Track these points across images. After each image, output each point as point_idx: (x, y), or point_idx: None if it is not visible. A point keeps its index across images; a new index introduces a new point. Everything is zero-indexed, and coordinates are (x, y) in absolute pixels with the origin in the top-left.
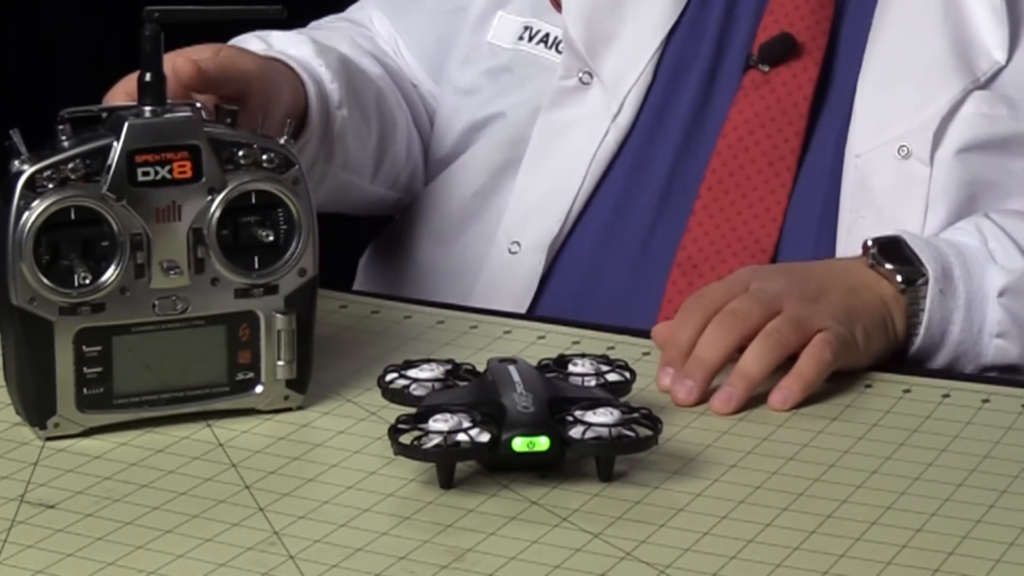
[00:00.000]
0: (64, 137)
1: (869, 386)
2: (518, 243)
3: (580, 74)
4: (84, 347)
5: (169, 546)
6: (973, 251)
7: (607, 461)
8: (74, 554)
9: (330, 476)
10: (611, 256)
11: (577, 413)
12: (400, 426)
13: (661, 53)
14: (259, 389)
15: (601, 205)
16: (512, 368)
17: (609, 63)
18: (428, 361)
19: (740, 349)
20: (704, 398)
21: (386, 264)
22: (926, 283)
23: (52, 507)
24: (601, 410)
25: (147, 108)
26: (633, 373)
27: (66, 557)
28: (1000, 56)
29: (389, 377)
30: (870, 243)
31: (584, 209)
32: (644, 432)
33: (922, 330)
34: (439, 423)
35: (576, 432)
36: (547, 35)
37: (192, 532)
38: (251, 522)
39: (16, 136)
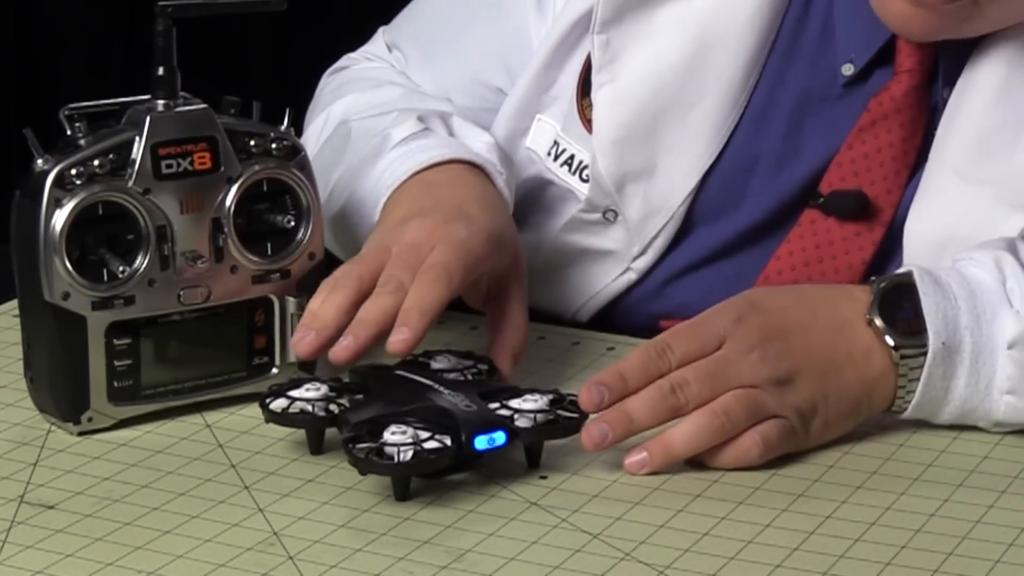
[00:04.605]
0: (80, 134)
1: None
2: None
3: (605, 212)
4: (115, 340)
5: (168, 546)
6: (987, 291)
7: (539, 446)
8: (74, 554)
9: (329, 476)
10: None
11: (514, 403)
12: (357, 445)
13: (698, 191)
14: (274, 372)
15: (620, 327)
16: (404, 373)
17: (636, 202)
18: (312, 380)
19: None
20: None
21: None
22: (924, 354)
23: (52, 507)
24: (528, 397)
25: (160, 102)
26: (493, 367)
27: (65, 558)
28: None
29: (268, 400)
30: (876, 281)
31: (601, 320)
32: (573, 414)
33: (916, 397)
34: (397, 435)
35: (524, 422)
36: (572, 157)
37: (191, 532)
38: (250, 523)
39: (31, 135)
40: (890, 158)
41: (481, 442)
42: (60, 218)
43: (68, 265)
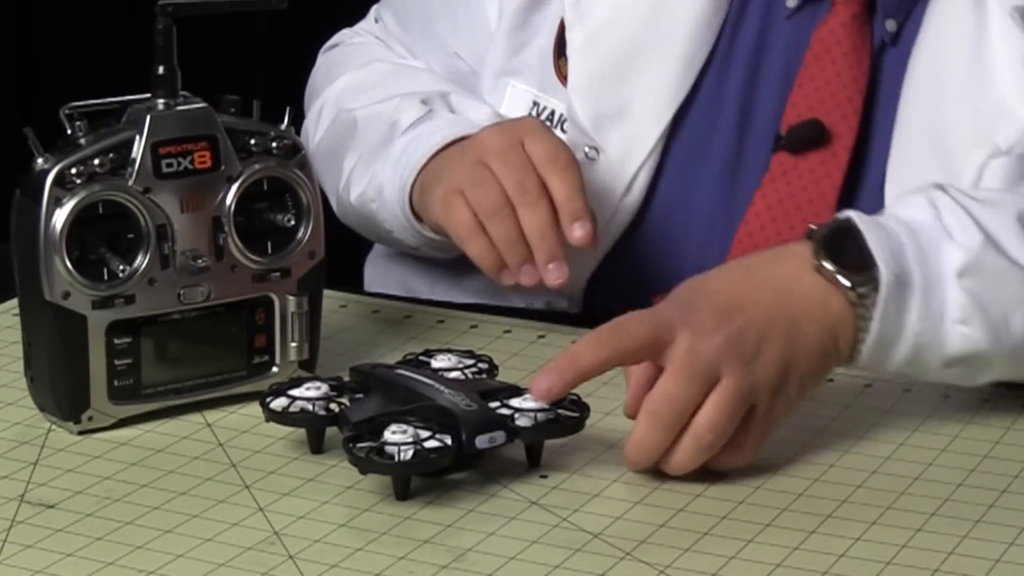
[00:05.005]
0: (80, 133)
1: (869, 386)
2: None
3: (586, 149)
4: (115, 339)
5: (169, 546)
6: (926, 227)
7: (540, 446)
8: (74, 554)
9: (330, 476)
10: None
11: (514, 403)
12: (357, 444)
13: (672, 128)
14: (274, 371)
15: (617, 290)
16: (404, 372)
17: (615, 139)
18: (312, 379)
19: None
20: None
21: (397, 261)
22: (877, 288)
23: (52, 507)
24: (528, 396)
25: (160, 100)
26: (493, 365)
27: (66, 557)
28: None
29: (268, 399)
30: (816, 230)
31: (597, 287)
32: (574, 413)
33: (872, 335)
34: (398, 434)
35: (524, 421)
36: (553, 112)
37: (192, 532)
38: (251, 522)
39: (31, 135)
40: (840, 87)
41: (481, 441)
42: (60, 217)
43: (68, 264)
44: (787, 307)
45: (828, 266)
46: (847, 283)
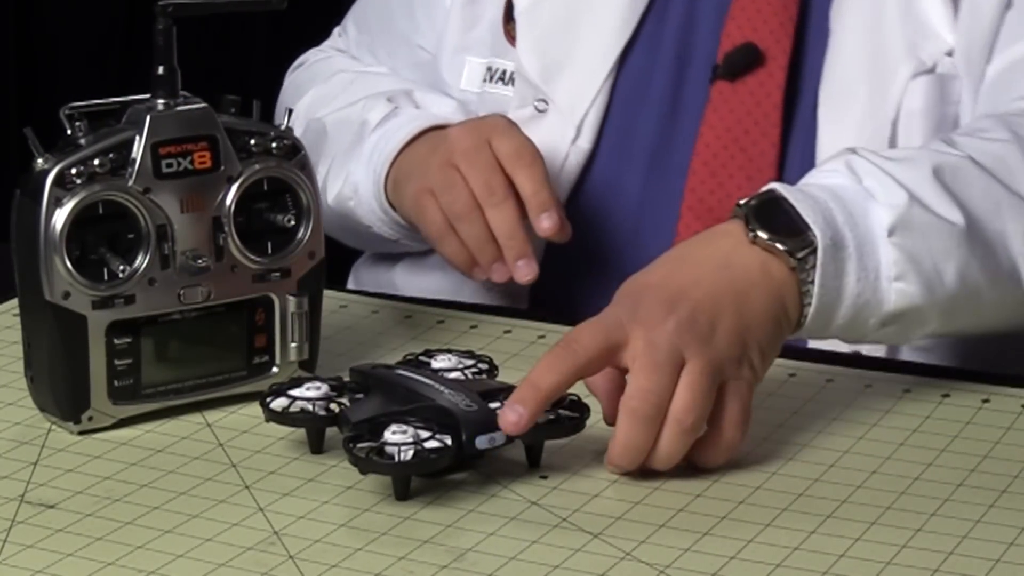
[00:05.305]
0: (80, 133)
1: (869, 386)
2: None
3: (535, 102)
4: (115, 340)
5: (169, 546)
6: (849, 192)
7: (540, 446)
8: (74, 554)
9: (330, 476)
10: (587, 282)
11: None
12: (357, 444)
13: (617, 73)
14: (274, 371)
15: (574, 234)
16: (405, 372)
17: (563, 89)
18: (312, 379)
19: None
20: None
21: (382, 264)
22: (814, 251)
23: (52, 507)
24: None
25: (160, 101)
26: (494, 365)
27: (66, 557)
28: (948, 35)
29: (268, 399)
30: (743, 205)
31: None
32: (574, 413)
33: (814, 300)
34: (398, 435)
35: None
36: (505, 72)
37: (192, 532)
38: (251, 522)
39: (31, 135)
40: (771, 14)
41: (482, 442)
42: (60, 217)
43: (68, 264)
44: (729, 281)
45: (763, 235)
46: (784, 248)
